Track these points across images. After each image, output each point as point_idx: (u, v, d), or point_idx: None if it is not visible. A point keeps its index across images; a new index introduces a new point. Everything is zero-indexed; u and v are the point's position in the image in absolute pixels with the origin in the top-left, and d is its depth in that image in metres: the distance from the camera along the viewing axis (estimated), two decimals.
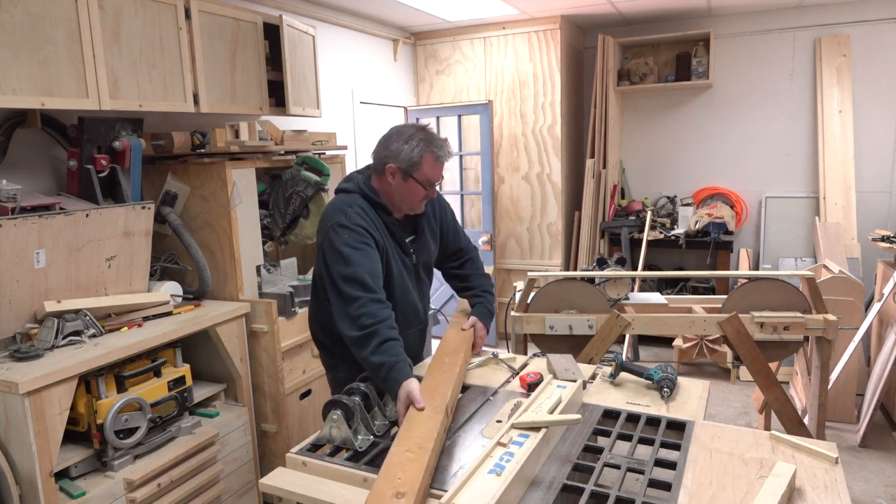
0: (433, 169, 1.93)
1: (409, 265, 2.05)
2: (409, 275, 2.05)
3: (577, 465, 1.43)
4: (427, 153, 1.91)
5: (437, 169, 1.95)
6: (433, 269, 2.23)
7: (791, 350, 2.61)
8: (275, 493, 1.43)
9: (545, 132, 4.85)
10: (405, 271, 2.03)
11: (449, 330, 2.10)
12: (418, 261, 2.08)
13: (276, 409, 2.73)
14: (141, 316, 2.37)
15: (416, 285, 2.09)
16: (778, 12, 4.73)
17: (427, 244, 2.11)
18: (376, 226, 1.93)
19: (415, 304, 2.09)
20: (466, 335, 2.06)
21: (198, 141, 2.67)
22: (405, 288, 2.03)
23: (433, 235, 2.14)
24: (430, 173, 1.93)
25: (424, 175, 1.92)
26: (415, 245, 2.07)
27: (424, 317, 2.17)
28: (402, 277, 2.01)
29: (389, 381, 1.64)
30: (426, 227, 2.11)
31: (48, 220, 2.08)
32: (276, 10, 3.48)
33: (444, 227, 2.18)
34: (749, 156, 4.99)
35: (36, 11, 2.03)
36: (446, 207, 2.22)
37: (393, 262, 1.97)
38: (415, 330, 2.13)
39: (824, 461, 1.43)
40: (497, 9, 4.39)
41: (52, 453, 1.87)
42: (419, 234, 2.08)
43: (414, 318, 2.11)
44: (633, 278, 4.24)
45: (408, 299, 2.05)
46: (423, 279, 2.15)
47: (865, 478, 3.06)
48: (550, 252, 5.02)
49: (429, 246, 2.12)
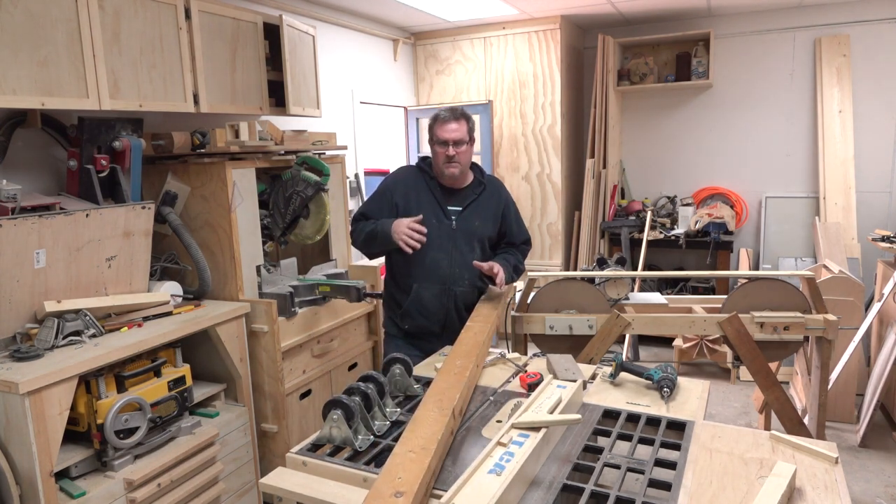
0: (440, 128, 2.38)
1: (445, 226, 2.42)
2: (442, 234, 2.40)
3: (577, 465, 1.43)
4: (435, 119, 2.41)
5: (442, 127, 2.37)
6: (483, 245, 2.50)
7: (791, 350, 2.61)
8: (275, 493, 1.43)
9: (545, 132, 4.85)
10: (440, 229, 2.40)
11: (463, 333, 2.10)
12: (458, 228, 2.42)
13: (276, 409, 2.73)
14: (141, 316, 2.37)
15: (449, 246, 2.41)
16: (778, 12, 4.73)
17: (471, 219, 2.45)
18: (412, 186, 2.45)
19: (439, 260, 2.40)
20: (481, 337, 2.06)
21: (198, 141, 2.67)
22: (434, 245, 2.37)
23: (485, 216, 2.49)
24: (438, 132, 2.38)
25: (436, 135, 2.38)
26: (457, 214, 2.44)
27: (452, 281, 2.42)
28: (431, 231, 2.35)
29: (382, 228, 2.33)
30: (476, 206, 2.47)
31: (48, 220, 2.08)
32: (276, 10, 3.48)
33: (506, 215, 2.55)
34: (749, 156, 4.99)
35: (36, 11, 2.03)
36: (510, 201, 2.60)
37: (423, 217, 2.35)
38: (435, 286, 2.41)
39: (824, 461, 1.43)
40: (497, 9, 4.39)
41: (52, 453, 1.87)
42: (465, 208, 2.45)
43: (434, 273, 2.41)
44: (633, 278, 4.24)
45: (432, 253, 2.38)
46: (461, 247, 2.43)
47: (865, 478, 3.06)
48: (550, 252, 5.02)
49: (472, 221, 2.45)
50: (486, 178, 2.55)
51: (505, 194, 2.59)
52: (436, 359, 2.18)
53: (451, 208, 2.44)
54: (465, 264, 2.43)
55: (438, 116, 2.40)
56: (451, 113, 2.38)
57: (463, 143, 2.37)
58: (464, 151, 2.38)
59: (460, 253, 2.42)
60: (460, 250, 2.42)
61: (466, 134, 2.39)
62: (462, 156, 2.38)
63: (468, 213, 2.45)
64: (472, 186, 2.50)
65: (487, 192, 2.51)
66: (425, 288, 2.41)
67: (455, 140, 2.35)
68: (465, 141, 2.38)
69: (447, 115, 2.38)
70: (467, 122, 2.41)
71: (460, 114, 2.40)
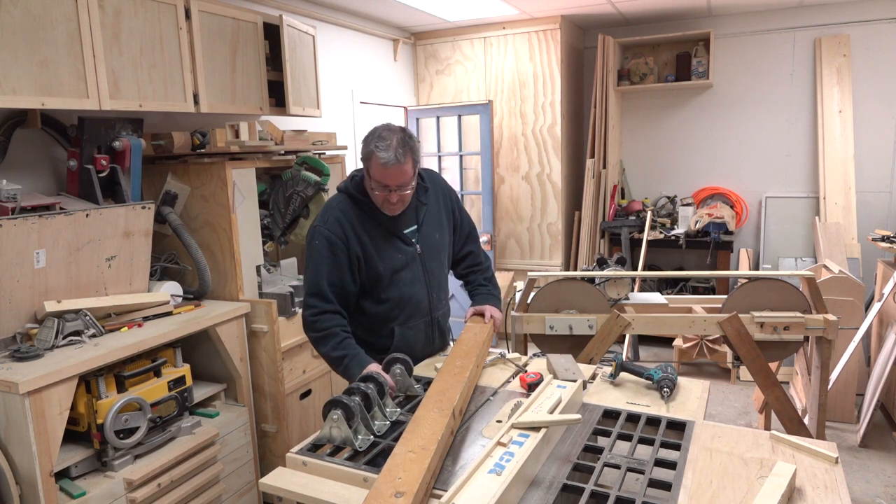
0: (380, 172, 1.88)
1: (410, 253, 2.05)
2: (411, 263, 2.06)
3: (577, 464, 1.43)
4: (374, 153, 1.87)
5: (382, 172, 1.87)
6: (447, 257, 2.22)
7: (791, 350, 2.61)
8: (275, 493, 1.43)
9: (545, 132, 4.85)
10: (406, 260, 2.04)
11: (463, 333, 2.10)
12: (423, 250, 2.09)
13: (276, 409, 2.73)
14: (141, 316, 2.37)
15: (423, 276, 2.09)
16: (778, 12, 4.73)
17: (431, 234, 2.12)
18: (359, 226, 1.97)
19: (418, 295, 2.08)
20: (481, 337, 2.06)
21: (198, 141, 2.67)
22: (406, 280, 2.05)
23: (440, 222, 2.16)
24: (378, 176, 1.89)
25: (375, 179, 1.91)
26: (417, 235, 2.08)
27: (432, 309, 2.15)
28: (401, 270, 2.03)
29: (351, 369, 1.87)
30: (428, 217, 2.12)
31: (48, 220, 2.08)
32: (276, 10, 3.48)
33: (454, 209, 2.22)
34: (749, 156, 4.99)
35: (36, 11, 2.03)
36: (450, 189, 2.25)
37: (387, 258, 2.01)
38: (419, 322, 2.12)
39: (824, 461, 1.43)
40: (497, 9, 4.39)
41: (52, 453, 1.87)
42: (421, 224, 2.09)
43: (416, 310, 2.10)
44: (633, 278, 4.24)
45: (409, 291, 2.06)
46: (431, 269, 2.12)
47: (865, 478, 3.06)
48: (550, 252, 5.02)
49: (433, 235, 2.12)
50: (427, 177, 2.16)
51: (445, 186, 2.22)
52: (436, 359, 2.18)
53: (407, 231, 2.06)
54: (439, 286, 2.16)
55: (375, 153, 1.86)
56: (394, 153, 1.84)
57: (407, 185, 1.93)
58: (409, 192, 1.96)
59: (433, 275, 2.12)
60: (431, 272, 2.12)
61: (411, 173, 1.92)
62: (407, 197, 1.97)
63: (426, 228, 2.10)
64: (418, 195, 2.09)
65: (432, 192, 2.15)
66: (409, 327, 2.09)
67: (399, 185, 1.91)
68: (409, 183, 1.93)
69: (388, 156, 1.84)
70: (412, 157, 1.91)
71: (404, 152, 1.87)
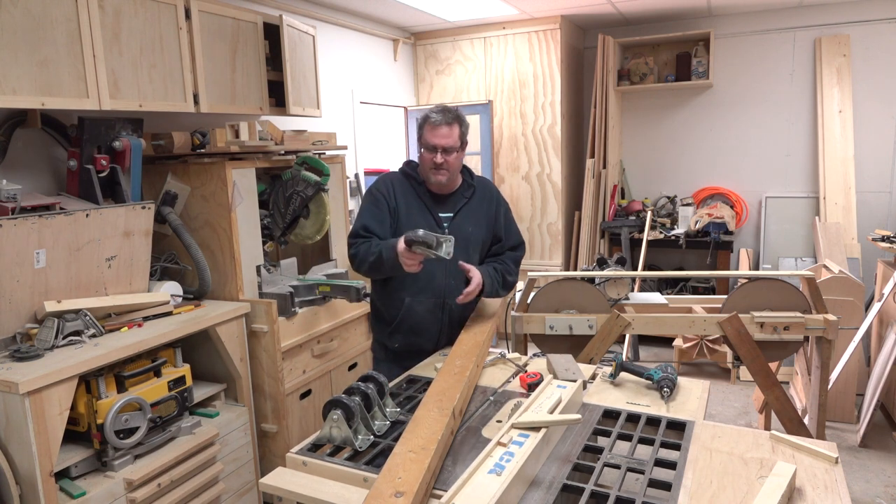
0: (430, 132, 2.17)
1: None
2: None
3: (577, 464, 1.43)
4: (425, 120, 2.19)
5: (432, 132, 2.16)
6: (476, 253, 2.33)
7: (791, 350, 2.61)
8: (275, 493, 1.43)
9: (545, 132, 4.85)
10: None
11: (463, 333, 2.10)
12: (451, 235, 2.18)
13: (276, 409, 2.73)
14: (141, 316, 2.37)
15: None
16: (778, 12, 4.73)
17: (464, 225, 2.29)
18: (403, 192, 2.26)
19: (433, 272, 2.21)
20: (481, 337, 2.06)
21: (198, 141, 2.67)
22: None
23: (478, 220, 2.33)
24: (427, 136, 2.18)
25: (425, 139, 2.19)
26: (449, 221, 2.28)
27: (446, 293, 2.25)
28: None
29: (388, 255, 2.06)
30: (466, 211, 2.31)
31: (48, 220, 2.08)
32: (276, 10, 3.48)
33: (498, 216, 2.38)
34: (749, 156, 4.99)
35: (36, 11, 2.03)
36: (502, 201, 2.43)
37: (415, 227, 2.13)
38: (429, 300, 2.24)
39: (824, 461, 1.43)
40: (497, 9, 4.39)
41: (52, 453, 1.87)
42: (456, 213, 2.29)
43: (428, 285, 2.23)
44: (633, 278, 4.24)
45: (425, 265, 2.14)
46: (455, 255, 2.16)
47: (865, 478, 3.06)
48: (550, 252, 5.02)
49: (465, 227, 2.29)
50: (476, 180, 2.38)
51: (496, 194, 2.43)
52: (436, 359, 2.18)
53: (443, 215, 2.28)
54: (460, 275, 2.24)
55: (429, 118, 2.18)
56: (443, 116, 2.16)
57: (453, 150, 2.17)
58: (454, 159, 2.19)
59: (453, 261, 2.19)
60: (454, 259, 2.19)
61: (458, 140, 2.18)
62: (452, 163, 2.19)
63: (460, 218, 2.28)
64: (462, 190, 2.32)
65: (478, 194, 2.35)
66: (419, 302, 2.23)
67: (445, 147, 2.15)
68: (455, 148, 2.18)
69: (438, 118, 2.15)
70: (460, 127, 2.20)
71: (453, 117, 2.18)
